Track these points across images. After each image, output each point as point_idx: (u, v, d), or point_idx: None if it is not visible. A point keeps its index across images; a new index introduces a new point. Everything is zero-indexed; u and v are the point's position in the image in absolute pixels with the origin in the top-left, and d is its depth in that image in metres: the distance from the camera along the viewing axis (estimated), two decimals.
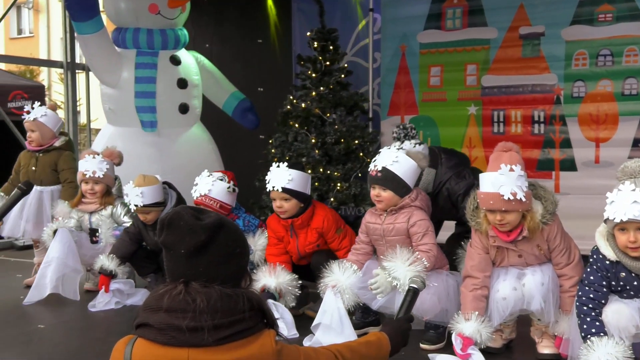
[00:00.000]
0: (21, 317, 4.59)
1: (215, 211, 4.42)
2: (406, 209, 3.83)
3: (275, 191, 4.23)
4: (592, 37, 5.94)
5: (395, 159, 3.80)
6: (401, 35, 6.93)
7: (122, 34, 6.71)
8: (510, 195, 3.31)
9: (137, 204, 4.66)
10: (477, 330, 3.41)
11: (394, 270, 3.55)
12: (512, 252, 3.55)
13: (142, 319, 1.71)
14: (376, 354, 2.10)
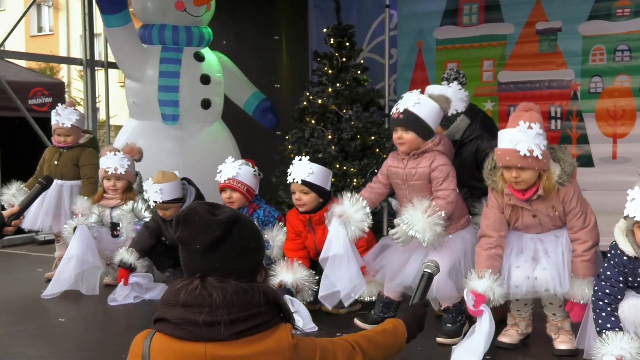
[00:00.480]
0: (42, 311, 4.67)
1: (241, 194, 4.56)
2: (429, 153, 3.80)
3: (295, 183, 4.25)
4: (610, 32, 5.90)
5: (418, 100, 3.78)
6: (417, 31, 6.92)
7: (149, 30, 6.87)
8: (527, 152, 3.30)
9: (156, 200, 4.71)
10: (490, 288, 3.38)
11: (413, 223, 3.55)
12: (527, 211, 3.52)
13: (159, 314, 1.72)
14: (393, 342, 2.10)
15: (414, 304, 2.28)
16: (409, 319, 2.21)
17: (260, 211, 4.66)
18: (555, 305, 3.65)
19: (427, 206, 3.61)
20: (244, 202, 4.64)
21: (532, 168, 3.38)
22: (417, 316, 2.24)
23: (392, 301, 4.03)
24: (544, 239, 3.56)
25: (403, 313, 2.25)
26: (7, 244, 7.13)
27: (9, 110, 7.85)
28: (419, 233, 3.57)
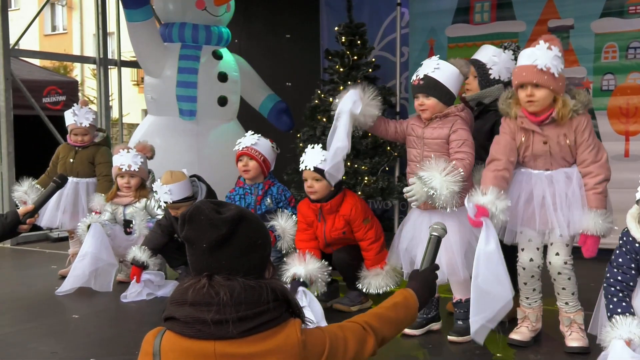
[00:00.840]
0: (56, 307, 4.71)
1: (257, 164, 4.57)
2: (451, 117, 3.78)
3: (307, 170, 4.26)
4: (622, 29, 5.87)
5: (437, 66, 3.76)
6: (429, 29, 6.92)
7: (169, 28, 6.99)
8: (544, 67, 3.33)
9: (166, 201, 4.72)
10: (493, 202, 3.35)
11: (430, 180, 3.48)
12: (538, 137, 3.50)
13: (169, 313, 1.73)
14: (405, 314, 2.07)
15: (423, 269, 2.22)
16: (419, 286, 2.16)
17: (275, 188, 4.67)
18: (568, 291, 3.61)
19: (445, 165, 3.56)
20: (259, 172, 4.63)
21: (548, 87, 3.39)
22: (427, 282, 2.19)
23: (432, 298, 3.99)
24: (554, 178, 3.51)
25: (413, 281, 2.19)
26: (21, 240, 7.19)
27: (23, 108, 7.92)
28: (436, 190, 3.46)
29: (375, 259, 4.25)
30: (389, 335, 2.00)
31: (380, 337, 1.95)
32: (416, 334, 3.93)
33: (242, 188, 4.69)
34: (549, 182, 3.52)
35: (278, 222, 4.49)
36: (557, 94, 3.43)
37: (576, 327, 3.63)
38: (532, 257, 3.66)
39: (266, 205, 4.58)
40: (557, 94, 3.43)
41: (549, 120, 3.47)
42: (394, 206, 6.77)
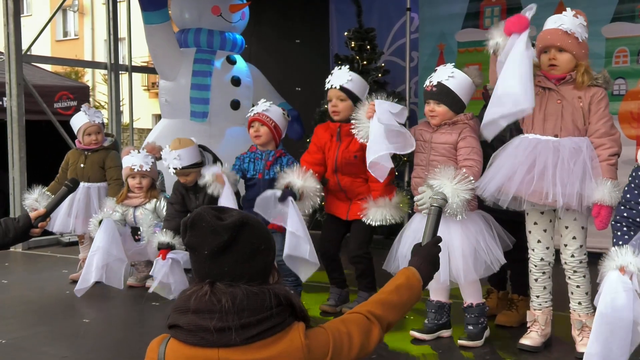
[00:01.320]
0: (67, 312, 4.73)
1: (269, 130, 4.55)
2: (460, 124, 3.80)
3: (333, 89, 4.31)
4: (633, 34, 5.85)
5: (451, 74, 3.79)
6: (439, 34, 6.92)
7: (185, 34, 7.14)
8: (569, 31, 3.40)
9: (175, 167, 4.73)
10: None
11: (441, 188, 3.49)
12: (554, 96, 3.51)
13: (172, 320, 1.73)
14: (409, 296, 2.01)
15: (426, 244, 2.14)
16: (421, 262, 2.09)
17: (285, 159, 4.63)
18: (582, 290, 3.61)
19: (455, 173, 3.57)
20: (270, 138, 4.61)
21: (571, 51, 3.45)
22: (429, 257, 2.11)
23: (444, 304, 3.98)
24: (561, 145, 3.48)
25: (415, 258, 2.11)
26: (32, 245, 7.23)
27: (35, 113, 7.96)
28: (448, 198, 3.45)
29: (383, 190, 4.24)
30: (394, 320, 1.95)
31: (385, 323, 1.92)
32: (426, 338, 3.92)
33: (254, 153, 4.67)
34: (555, 149, 3.48)
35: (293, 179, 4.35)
36: (580, 60, 3.48)
37: (588, 331, 3.60)
38: (543, 257, 3.69)
39: (275, 172, 4.57)
40: (580, 60, 3.48)
41: (566, 79, 3.50)
42: None
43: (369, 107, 3.85)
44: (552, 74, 3.53)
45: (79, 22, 29.74)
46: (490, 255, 3.69)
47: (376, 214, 4.19)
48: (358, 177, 4.35)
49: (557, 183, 3.39)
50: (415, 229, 3.88)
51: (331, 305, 4.49)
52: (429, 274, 2.09)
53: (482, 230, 3.73)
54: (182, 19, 7.23)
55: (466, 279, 3.72)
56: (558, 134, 3.52)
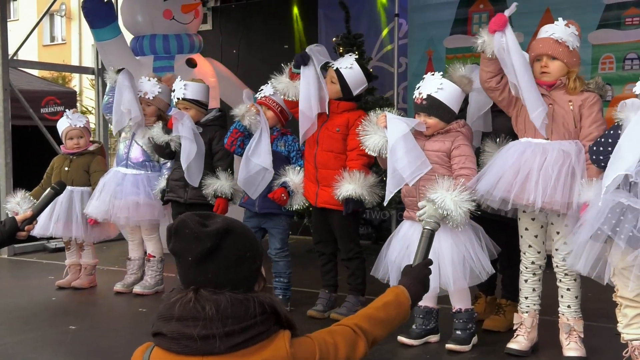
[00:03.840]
0: (54, 318, 4.70)
1: (275, 115, 4.62)
2: (453, 132, 3.83)
3: (331, 68, 4.42)
4: (619, 40, 5.90)
5: (440, 85, 3.80)
6: (428, 40, 6.95)
7: (140, 41, 7.06)
8: (560, 40, 3.50)
9: (179, 96, 4.84)
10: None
11: (442, 201, 3.52)
12: (545, 100, 3.56)
13: (156, 328, 1.71)
14: (396, 313, 2.02)
15: (416, 265, 2.17)
16: (411, 282, 2.11)
17: (290, 137, 4.68)
18: (572, 293, 3.64)
19: (453, 183, 3.60)
20: (276, 122, 4.66)
21: (562, 59, 3.54)
22: (419, 278, 2.13)
23: (432, 309, 3.99)
24: (550, 149, 3.51)
25: (405, 277, 2.14)
26: (18, 251, 7.18)
27: (22, 119, 7.91)
28: (451, 211, 3.51)
29: (360, 168, 4.26)
30: (380, 336, 1.96)
31: (371, 338, 1.92)
32: (414, 344, 3.92)
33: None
34: (543, 153, 3.53)
35: (290, 177, 4.50)
36: (571, 67, 3.57)
37: (575, 335, 3.64)
38: (534, 260, 3.74)
39: (277, 147, 4.59)
40: (571, 67, 3.57)
41: (557, 85, 3.58)
42: (392, 216, 6.77)
43: (381, 116, 3.88)
44: (543, 81, 3.61)
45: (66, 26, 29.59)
46: (478, 264, 3.71)
47: (348, 188, 4.18)
48: (336, 158, 4.35)
49: (538, 187, 3.43)
50: (404, 235, 3.89)
51: (319, 311, 4.49)
52: (418, 294, 2.12)
53: (472, 240, 3.76)
54: (135, 25, 7.14)
55: (455, 286, 3.73)
56: (549, 137, 3.57)
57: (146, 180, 5.24)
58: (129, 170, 5.29)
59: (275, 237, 4.68)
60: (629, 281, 3.13)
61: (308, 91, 4.30)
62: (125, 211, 5.16)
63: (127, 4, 7.19)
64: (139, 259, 5.44)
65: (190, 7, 7.14)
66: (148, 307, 4.87)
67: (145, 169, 5.30)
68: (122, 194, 5.17)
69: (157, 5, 6.97)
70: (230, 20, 8.04)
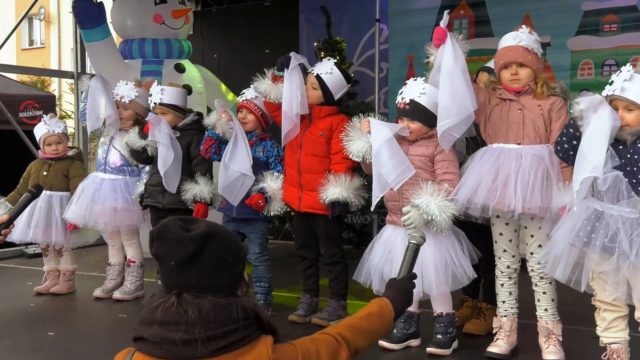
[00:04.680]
0: (32, 325, 4.64)
1: (256, 118, 4.61)
2: (435, 137, 3.84)
3: (311, 74, 4.44)
4: (598, 47, 5.97)
5: (423, 90, 3.83)
6: (409, 45, 6.99)
7: (129, 45, 7.02)
8: (529, 47, 3.57)
9: (155, 101, 4.82)
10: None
11: (427, 205, 3.55)
12: (515, 105, 3.64)
13: (138, 333, 1.69)
14: (379, 324, 2.03)
15: (400, 278, 2.19)
16: (395, 295, 2.13)
17: (269, 142, 4.67)
18: (548, 296, 3.68)
19: (437, 189, 3.62)
20: (257, 126, 4.66)
21: (531, 66, 3.62)
22: (403, 291, 2.15)
23: (413, 313, 4.01)
24: (523, 154, 3.55)
25: (389, 290, 2.15)
26: None
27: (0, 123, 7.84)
28: (436, 216, 3.53)
29: (346, 171, 4.26)
30: (362, 346, 1.97)
31: (353, 348, 1.92)
32: (395, 348, 3.93)
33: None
34: (517, 157, 3.57)
35: (267, 183, 4.48)
36: (538, 73, 3.67)
37: (554, 338, 3.67)
38: (509, 265, 3.79)
39: (255, 152, 4.59)
40: (538, 73, 3.67)
41: (525, 90, 3.65)
42: (373, 221, 6.78)
43: (364, 122, 3.89)
44: (513, 87, 3.67)
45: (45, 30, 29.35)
46: (460, 269, 3.73)
47: (334, 191, 4.19)
48: (320, 162, 4.36)
49: (517, 192, 3.46)
50: (386, 239, 3.90)
51: (300, 316, 4.49)
52: (402, 307, 2.14)
53: (454, 244, 3.78)
54: (125, 29, 7.12)
55: (438, 290, 3.75)
56: (520, 142, 3.61)
57: (124, 185, 5.20)
58: (107, 175, 5.25)
59: (253, 242, 4.67)
60: (607, 285, 3.17)
61: (291, 92, 4.31)
62: (104, 216, 5.12)
63: (118, 7, 7.17)
64: (119, 265, 5.40)
65: (181, 13, 7.13)
66: (128, 312, 4.83)
67: (124, 174, 5.26)
68: (100, 199, 5.13)
69: (148, 9, 6.96)
70: (212, 24, 8.03)
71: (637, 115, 3.11)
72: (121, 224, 5.18)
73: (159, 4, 7.01)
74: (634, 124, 3.11)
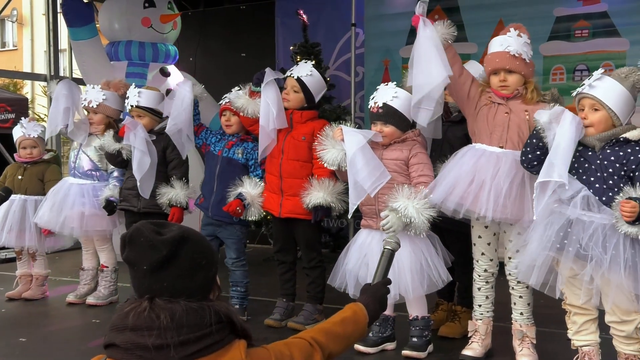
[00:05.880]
0: (3, 330, 4.57)
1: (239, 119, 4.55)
2: (409, 141, 3.88)
3: (290, 78, 4.43)
4: (569, 52, 6.06)
5: (395, 94, 3.86)
6: (384, 49, 7.02)
7: (115, 46, 7.00)
8: (516, 54, 3.53)
9: (132, 103, 4.79)
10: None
11: (405, 209, 3.56)
12: (502, 108, 3.64)
13: (109, 339, 1.67)
14: (353, 329, 2.04)
15: (375, 283, 2.21)
16: (369, 300, 2.14)
17: (251, 144, 4.63)
18: (524, 300, 3.71)
19: (413, 192, 3.64)
20: (241, 128, 4.63)
21: (520, 72, 3.61)
22: (378, 296, 2.16)
23: (388, 317, 4.02)
24: (503, 159, 3.57)
25: (364, 295, 2.17)
26: None
27: None
28: (414, 218, 3.55)
29: (329, 175, 4.25)
30: (336, 350, 1.97)
31: (327, 352, 1.93)
32: (371, 351, 3.94)
33: (221, 133, 4.72)
34: (496, 162, 3.58)
35: (246, 189, 4.45)
36: (528, 78, 3.66)
37: (528, 341, 3.70)
38: (487, 268, 3.80)
39: (234, 153, 4.56)
40: (528, 78, 3.66)
41: (515, 94, 3.66)
42: (349, 225, 6.79)
43: (336, 130, 3.89)
44: (502, 93, 3.67)
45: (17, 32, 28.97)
46: (436, 272, 3.75)
47: (318, 196, 4.19)
48: (302, 167, 4.36)
49: (490, 200, 3.49)
50: (361, 243, 3.91)
51: (276, 320, 4.48)
52: (376, 313, 2.15)
53: (430, 248, 3.80)
54: (112, 31, 7.09)
55: (414, 294, 3.77)
56: (503, 145, 3.62)
57: (92, 190, 5.13)
58: (76, 180, 5.20)
59: (230, 247, 4.65)
60: (578, 290, 3.20)
61: (267, 108, 4.30)
62: (72, 221, 5.06)
63: (106, 8, 7.14)
64: (92, 269, 5.34)
65: (169, 18, 7.15)
66: (101, 318, 4.78)
67: (92, 179, 5.20)
68: (68, 204, 5.07)
69: (136, 12, 6.95)
70: (187, 27, 7.97)
71: (601, 116, 3.16)
72: (89, 229, 5.12)
73: (148, 7, 6.99)
74: (597, 124, 3.16)
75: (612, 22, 5.95)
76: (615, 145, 3.15)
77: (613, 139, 3.15)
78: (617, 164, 3.11)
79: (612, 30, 5.94)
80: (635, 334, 3.19)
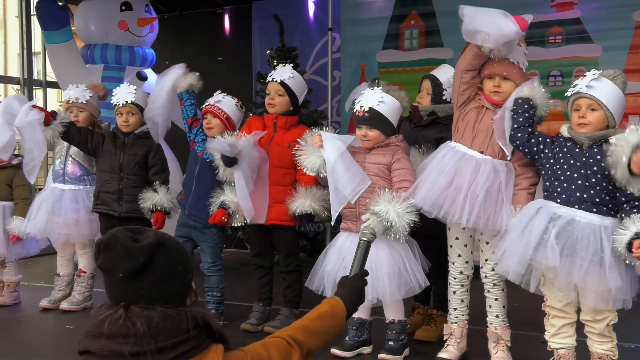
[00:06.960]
0: None
1: (221, 122, 4.56)
2: (392, 146, 3.89)
3: (273, 82, 4.45)
4: (543, 58, 6.13)
5: (381, 99, 3.87)
6: (361, 54, 7.06)
7: (91, 50, 6.96)
8: (515, 62, 3.57)
9: (127, 99, 4.77)
10: None
11: (387, 212, 3.55)
12: (489, 114, 3.64)
13: (84, 346, 1.66)
14: (331, 324, 2.04)
15: (352, 276, 2.20)
16: (347, 293, 2.14)
17: None
18: (500, 303, 3.73)
19: (394, 196, 3.64)
20: (222, 131, 4.57)
21: (514, 81, 3.60)
22: (355, 289, 2.17)
23: (365, 321, 4.02)
24: (482, 166, 3.59)
25: (341, 289, 2.17)
26: None
27: None
28: (395, 222, 3.54)
29: (314, 182, 4.24)
30: (314, 347, 1.97)
31: (305, 349, 1.93)
32: (347, 355, 3.94)
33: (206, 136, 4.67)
34: (475, 169, 3.59)
35: (228, 197, 4.39)
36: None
37: (502, 344, 3.73)
38: (462, 270, 3.82)
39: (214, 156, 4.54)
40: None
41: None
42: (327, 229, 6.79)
43: (315, 136, 3.89)
44: (493, 99, 3.67)
45: None
46: (413, 277, 3.77)
47: (304, 203, 4.20)
48: (285, 175, 4.36)
49: (465, 207, 3.52)
50: (340, 246, 3.92)
51: (253, 324, 4.46)
52: (354, 306, 2.14)
53: (408, 253, 3.82)
54: (88, 33, 7.03)
55: (391, 297, 3.78)
56: (484, 151, 3.64)
57: (85, 195, 5.07)
58: (67, 186, 5.11)
59: (206, 251, 4.62)
60: (559, 292, 3.24)
61: (244, 193, 4.26)
62: (65, 228, 4.99)
63: (82, 11, 7.08)
64: (68, 275, 5.27)
65: (147, 21, 7.10)
66: (75, 324, 4.72)
67: (84, 184, 5.13)
68: (61, 210, 5.00)
69: (113, 15, 6.89)
70: (163, 31, 7.94)
71: (599, 116, 3.20)
72: (83, 233, 5.06)
73: (125, 10, 6.93)
74: (595, 123, 3.19)
75: (585, 28, 6.04)
76: (603, 146, 3.19)
77: (602, 140, 3.20)
78: (602, 163, 3.16)
79: (585, 37, 6.03)
80: (608, 332, 3.24)
